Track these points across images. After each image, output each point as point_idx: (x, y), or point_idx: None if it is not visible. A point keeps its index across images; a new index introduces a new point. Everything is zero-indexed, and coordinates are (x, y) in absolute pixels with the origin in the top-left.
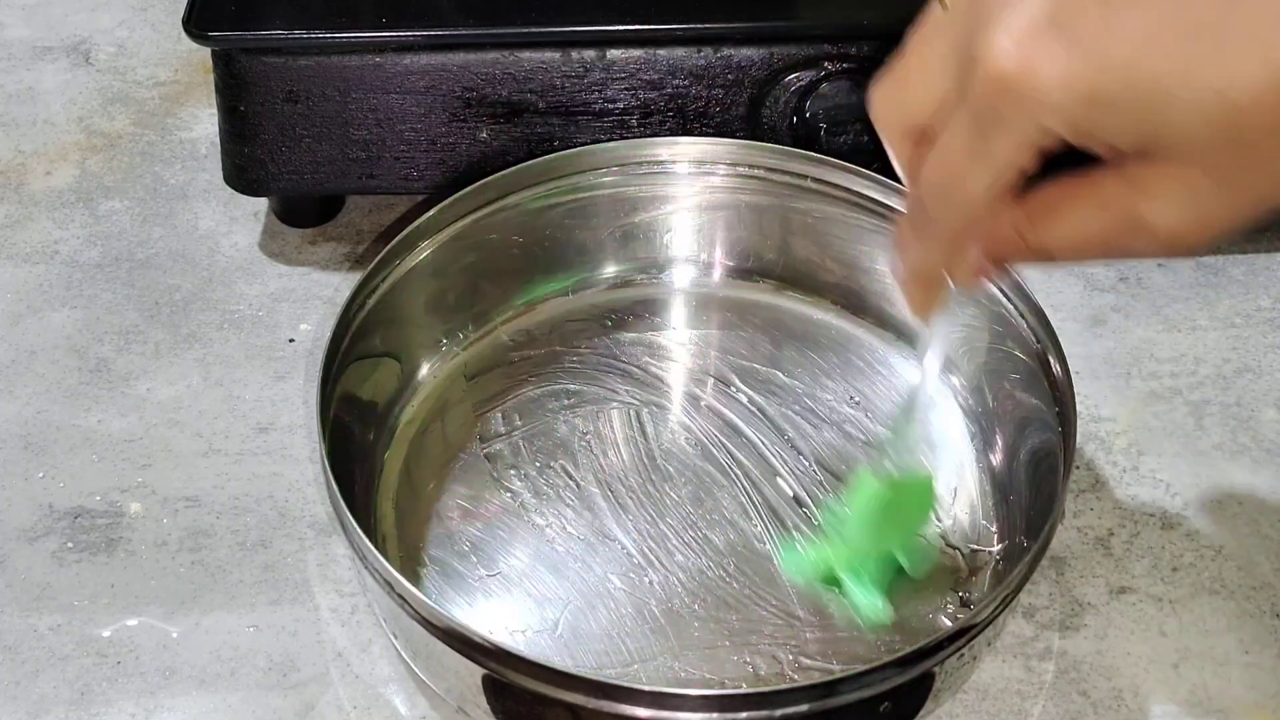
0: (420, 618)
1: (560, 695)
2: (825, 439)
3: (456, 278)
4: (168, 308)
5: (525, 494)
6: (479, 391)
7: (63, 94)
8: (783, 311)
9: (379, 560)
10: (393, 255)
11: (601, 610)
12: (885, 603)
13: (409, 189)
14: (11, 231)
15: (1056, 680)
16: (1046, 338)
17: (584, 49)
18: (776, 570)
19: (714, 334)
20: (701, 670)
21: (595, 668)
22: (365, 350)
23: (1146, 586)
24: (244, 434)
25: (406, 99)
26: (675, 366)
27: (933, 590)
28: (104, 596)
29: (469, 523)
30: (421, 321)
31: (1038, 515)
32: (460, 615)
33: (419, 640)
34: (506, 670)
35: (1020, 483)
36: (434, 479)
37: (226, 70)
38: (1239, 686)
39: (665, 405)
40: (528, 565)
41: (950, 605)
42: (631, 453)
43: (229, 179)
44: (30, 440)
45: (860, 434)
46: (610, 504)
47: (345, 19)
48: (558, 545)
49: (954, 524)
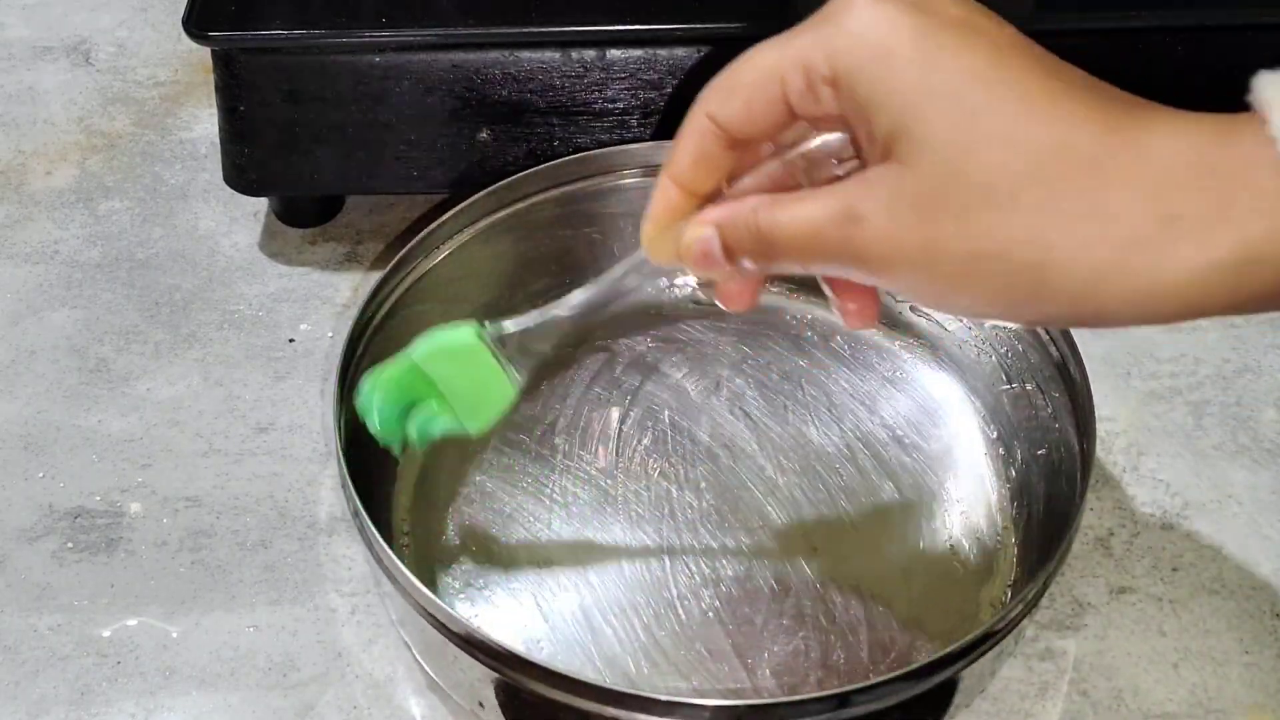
0: (435, 621)
1: (574, 702)
2: (834, 439)
3: (473, 278)
4: (168, 308)
5: (543, 496)
6: None
7: (63, 94)
8: (794, 314)
9: (394, 562)
10: (411, 256)
11: (619, 616)
12: (384, 425)
13: (409, 189)
14: (11, 231)
15: (1056, 680)
16: (1066, 346)
17: (584, 49)
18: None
19: (726, 338)
20: (718, 679)
21: (611, 675)
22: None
23: (1146, 586)
24: (244, 434)
25: (406, 99)
26: (689, 369)
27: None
28: (104, 596)
29: (485, 524)
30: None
31: (1055, 521)
32: (475, 618)
33: (433, 643)
34: (520, 676)
35: (1037, 489)
36: (451, 480)
37: (226, 70)
38: (1239, 686)
39: (680, 408)
40: (544, 568)
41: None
42: (651, 455)
43: (229, 179)
44: (30, 440)
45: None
46: (629, 509)
47: (345, 19)
48: (576, 548)
49: (971, 528)
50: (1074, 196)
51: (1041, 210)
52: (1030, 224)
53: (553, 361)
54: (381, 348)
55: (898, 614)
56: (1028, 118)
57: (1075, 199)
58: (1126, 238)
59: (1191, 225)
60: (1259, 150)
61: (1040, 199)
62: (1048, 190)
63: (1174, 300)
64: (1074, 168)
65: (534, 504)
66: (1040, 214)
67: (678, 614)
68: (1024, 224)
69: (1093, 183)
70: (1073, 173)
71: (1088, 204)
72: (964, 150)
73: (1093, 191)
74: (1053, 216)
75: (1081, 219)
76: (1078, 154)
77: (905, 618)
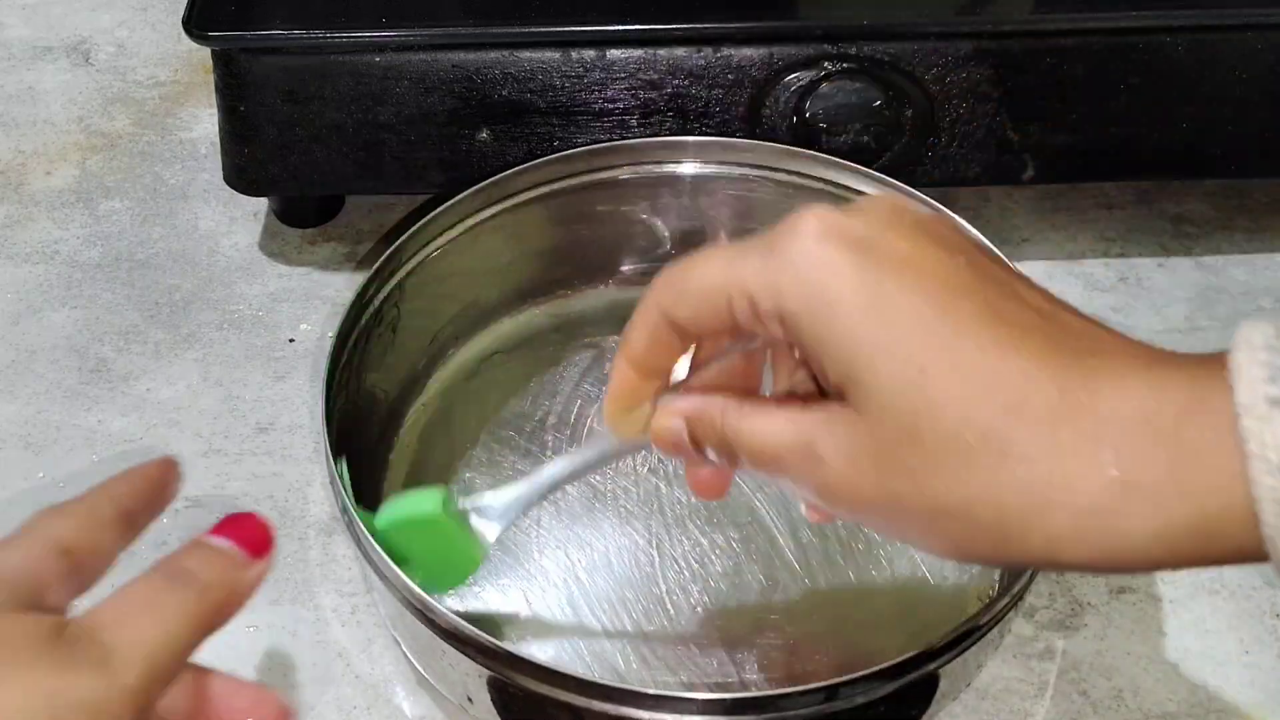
0: (424, 617)
1: (562, 697)
2: None
3: (463, 275)
4: (168, 308)
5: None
6: (481, 394)
7: (63, 94)
8: None
9: (384, 560)
10: (400, 253)
11: (607, 612)
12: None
13: (409, 189)
14: (11, 231)
15: (1056, 680)
16: None
17: (584, 49)
18: (787, 574)
19: None
20: (707, 674)
21: (600, 670)
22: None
23: (1146, 586)
24: (244, 434)
25: (406, 99)
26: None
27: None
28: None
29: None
30: (427, 322)
31: None
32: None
33: (423, 641)
34: (509, 671)
35: None
36: (441, 476)
37: (226, 70)
38: (1239, 686)
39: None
40: (533, 564)
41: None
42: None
43: (229, 179)
44: (30, 440)
45: None
46: (618, 505)
47: (345, 19)
48: (565, 544)
49: None
50: (1029, 463)
51: (997, 475)
52: (987, 485)
53: (543, 359)
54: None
55: (887, 609)
56: (979, 377)
57: (1030, 466)
58: (1083, 507)
59: (1147, 494)
60: (1220, 419)
61: (995, 464)
62: (1002, 456)
63: (1139, 560)
64: (1028, 433)
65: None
66: (996, 478)
67: (666, 609)
68: (981, 485)
69: (1048, 447)
70: (1027, 438)
71: (1044, 471)
72: (915, 412)
73: (1048, 459)
74: (1009, 482)
75: (1037, 486)
76: (1032, 416)
77: (894, 613)
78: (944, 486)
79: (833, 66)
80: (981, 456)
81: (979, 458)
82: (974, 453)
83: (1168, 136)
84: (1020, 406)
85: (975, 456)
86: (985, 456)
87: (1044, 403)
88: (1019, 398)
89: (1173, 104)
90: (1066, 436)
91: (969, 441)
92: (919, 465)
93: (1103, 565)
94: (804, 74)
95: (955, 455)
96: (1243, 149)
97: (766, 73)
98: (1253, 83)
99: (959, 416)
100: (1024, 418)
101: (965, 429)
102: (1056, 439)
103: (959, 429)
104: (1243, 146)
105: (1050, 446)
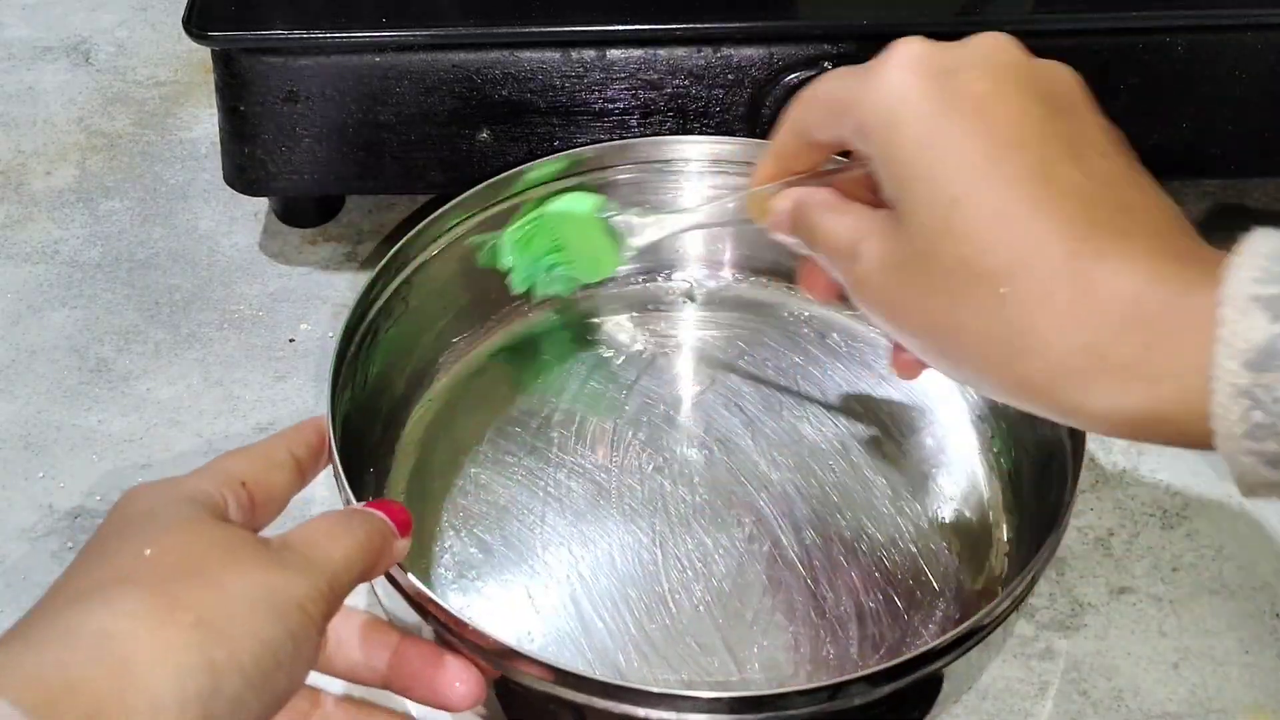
0: (426, 612)
1: (564, 694)
2: (828, 435)
3: (468, 276)
4: (168, 308)
5: (536, 489)
6: (488, 391)
7: (63, 94)
8: (792, 310)
9: None
10: (404, 252)
11: (610, 609)
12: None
13: (409, 189)
14: (11, 231)
15: (1056, 680)
16: None
17: (584, 49)
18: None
19: (723, 332)
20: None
21: (602, 667)
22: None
23: (1146, 586)
24: (244, 434)
25: (406, 99)
26: (684, 364)
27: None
28: None
29: (478, 521)
30: (433, 319)
31: (1045, 517)
32: (467, 609)
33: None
34: (510, 667)
35: (1029, 484)
36: (446, 472)
37: (226, 70)
38: (1239, 686)
39: (675, 403)
40: (536, 561)
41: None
42: (646, 450)
43: (229, 179)
44: (30, 440)
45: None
46: (623, 503)
47: (345, 19)
48: (569, 541)
49: (962, 524)
50: (1019, 308)
51: (990, 309)
52: (978, 314)
53: (550, 357)
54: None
55: (888, 609)
56: (998, 225)
57: (1019, 311)
58: (1053, 363)
59: (1114, 371)
60: (1201, 313)
61: (991, 300)
62: (995, 301)
63: (1097, 425)
64: (1026, 284)
65: (528, 497)
66: (989, 311)
67: (669, 607)
68: (973, 313)
69: (1039, 300)
70: (1024, 287)
71: (1029, 321)
72: (937, 235)
73: (1036, 311)
74: (998, 319)
75: (1017, 337)
76: (1030, 275)
77: (896, 613)
78: (947, 303)
79: (832, 66)
80: (982, 289)
81: (978, 289)
82: (977, 283)
83: (1167, 136)
84: (1027, 259)
85: (976, 287)
86: (985, 291)
87: (1048, 263)
88: (1028, 251)
89: (1172, 104)
90: (1060, 298)
91: (975, 273)
92: (930, 280)
93: (1062, 418)
94: (804, 74)
95: (960, 281)
96: (1243, 149)
97: (766, 73)
98: (1253, 83)
99: (973, 249)
100: (1027, 269)
101: (976, 262)
102: (1050, 296)
103: (970, 260)
104: (1243, 146)
105: (1041, 300)
